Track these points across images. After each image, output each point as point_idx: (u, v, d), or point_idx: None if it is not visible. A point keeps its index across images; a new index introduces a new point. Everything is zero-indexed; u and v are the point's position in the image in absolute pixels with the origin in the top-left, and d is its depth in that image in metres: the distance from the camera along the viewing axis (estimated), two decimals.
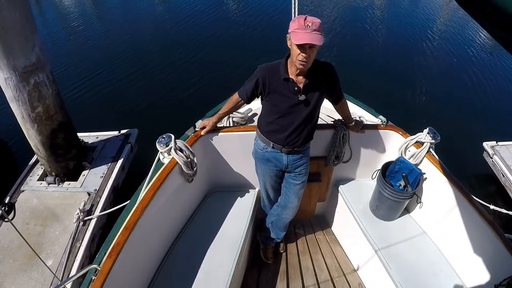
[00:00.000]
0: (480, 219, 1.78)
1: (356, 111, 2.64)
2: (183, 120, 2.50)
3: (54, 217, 3.13)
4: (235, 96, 1.94)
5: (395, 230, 2.25)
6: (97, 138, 4.03)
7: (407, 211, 2.38)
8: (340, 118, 2.21)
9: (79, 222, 3.02)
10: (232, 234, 2.16)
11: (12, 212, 3.01)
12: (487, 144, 4.08)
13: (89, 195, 3.32)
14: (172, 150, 1.88)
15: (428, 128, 2.13)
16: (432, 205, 2.19)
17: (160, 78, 6.15)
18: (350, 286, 2.37)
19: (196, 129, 2.16)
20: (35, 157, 3.68)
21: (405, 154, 2.21)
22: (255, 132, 2.02)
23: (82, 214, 3.04)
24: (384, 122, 2.31)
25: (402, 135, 2.26)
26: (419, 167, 2.14)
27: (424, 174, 2.13)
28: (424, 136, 2.12)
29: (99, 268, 1.43)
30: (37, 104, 3.05)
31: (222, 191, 2.52)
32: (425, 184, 2.20)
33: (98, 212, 3.15)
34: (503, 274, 1.62)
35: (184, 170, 1.94)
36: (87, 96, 5.73)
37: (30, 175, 3.59)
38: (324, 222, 2.96)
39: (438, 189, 2.08)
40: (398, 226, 2.28)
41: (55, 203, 3.26)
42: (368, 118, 2.56)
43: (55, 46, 7.37)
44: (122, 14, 9.22)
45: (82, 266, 2.75)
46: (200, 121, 2.17)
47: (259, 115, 1.98)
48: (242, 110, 2.68)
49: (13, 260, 2.80)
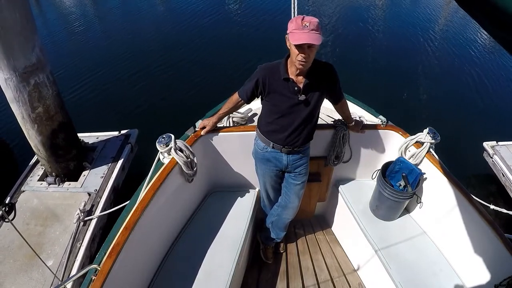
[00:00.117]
0: (480, 219, 1.78)
1: (356, 111, 2.64)
2: (183, 120, 2.51)
3: (55, 217, 3.13)
4: (235, 96, 1.94)
5: (395, 230, 2.25)
6: (97, 138, 4.04)
7: (407, 211, 2.38)
8: (340, 118, 2.21)
9: (80, 222, 3.02)
10: (232, 234, 2.16)
11: (13, 212, 2.99)
12: (487, 144, 4.08)
13: (89, 195, 3.32)
14: (172, 150, 1.88)
15: (428, 128, 2.13)
16: (432, 205, 2.19)
17: (160, 79, 6.15)
18: (350, 286, 2.37)
19: (196, 129, 2.16)
20: (35, 157, 3.68)
21: (405, 154, 2.21)
22: (255, 132, 2.02)
23: (82, 214, 3.04)
24: (384, 122, 2.31)
25: (402, 135, 2.26)
26: (419, 167, 2.14)
27: (424, 174, 2.13)
28: (424, 136, 2.12)
29: (99, 268, 1.43)
30: (37, 104, 3.05)
31: (222, 191, 2.52)
32: (425, 184, 2.20)
33: (98, 212, 3.15)
34: (503, 274, 1.62)
35: (184, 170, 1.94)
36: (88, 97, 5.74)
37: (31, 175, 3.59)
38: (324, 222, 2.96)
39: (438, 189, 2.08)
40: (398, 226, 2.28)
41: (56, 204, 3.27)
42: (368, 118, 2.56)
43: (55, 47, 7.37)
44: (123, 14, 9.23)
45: (82, 266, 2.75)
46: (200, 121, 2.17)
47: (259, 115, 1.98)
48: (242, 110, 2.68)
49: (13, 260, 2.80)
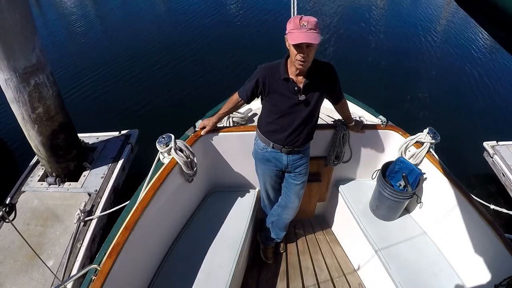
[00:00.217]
0: (480, 219, 1.77)
1: (356, 111, 2.64)
2: (183, 120, 2.50)
3: (55, 217, 3.13)
4: (235, 96, 1.94)
5: (395, 230, 2.25)
6: (97, 138, 4.04)
7: (407, 211, 2.38)
8: (340, 118, 2.21)
9: (80, 223, 3.02)
10: (232, 234, 2.16)
11: (13, 212, 3.01)
12: (487, 144, 4.08)
13: (89, 195, 3.32)
14: (172, 150, 1.88)
15: (428, 128, 2.13)
16: (432, 205, 2.19)
17: (160, 79, 6.15)
18: (350, 286, 2.37)
19: (196, 129, 2.16)
20: (35, 157, 3.69)
21: (405, 154, 2.21)
22: (255, 132, 2.02)
23: (82, 214, 3.04)
24: (384, 122, 2.31)
25: (402, 135, 2.26)
26: (419, 167, 2.14)
27: (424, 174, 2.13)
28: (424, 136, 2.12)
29: (99, 268, 1.43)
30: (37, 105, 3.05)
31: (222, 191, 2.52)
32: (425, 184, 2.20)
33: (98, 212, 3.15)
34: (503, 274, 1.62)
35: (184, 170, 1.94)
36: (88, 97, 5.74)
37: (31, 175, 3.59)
38: (324, 222, 2.96)
39: (438, 189, 2.08)
40: (398, 226, 2.28)
41: (56, 204, 3.27)
42: (368, 118, 2.55)
43: (55, 47, 7.37)
44: (123, 15, 9.23)
45: (82, 267, 2.75)
46: (200, 121, 2.17)
47: (259, 115, 1.98)
48: (242, 110, 2.68)
49: (14, 261, 2.80)
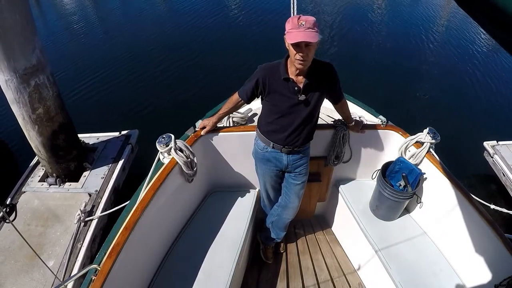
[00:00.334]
0: (480, 219, 1.77)
1: (356, 111, 2.64)
2: (183, 120, 2.51)
3: (55, 218, 3.13)
4: (235, 96, 1.95)
5: (395, 230, 2.25)
6: (97, 139, 4.04)
7: (407, 211, 2.38)
8: (340, 118, 2.21)
9: (80, 223, 3.03)
10: (232, 234, 2.16)
11: (14, 213, 3.01)
12: (487, 144, 4.07)
13: (90, 196, 3.32)
14: (172, 150, 1.88)
15: (428, 128, 2.13)
16: (432, 205, 2.19)
17: (160, 79, 6.15)
18: (350, 286, 2.37)
19: (196, 129, 2.16)
20: (36, 158, 3.69)
21: (405, 154, 2.21)
22: (255, 132, 2.02)
23: (83, 214, 3.05)
24: (384, 122, 2.31)
25: (402, 135, 2.26)
26: (419, 167, 2.14)
27: (424, 174, 2.13)
28: (424, 136, 2.12)
29: (99, 268, 1.43)
30: (37, 105, 3.05)
31: (222, 191, 2.52)
32: (425, 184, 2.20)
33: (99, 212, 3.15)
34: (503, 274, 1.62)
35: (184, 170, 1.94)
36: (88, 97, 5.74)
37: (31, 176, 3.59)
38: (324, 222, 2.96)
39: (438, 189, 2.07)
40: (398, 226, 2.28)
41: (56, 204, 3.27)
42: (368, 118, 2.56)
43: (55, 48, 7.37)
44: (123, 15, 9.24)
45: (83, 267, 2.75)
46: (200, 121, 2.17)
47: (259, 115, 1.98)
48: (242, 110, 2.68)
49: (14, 261, 2.80)
